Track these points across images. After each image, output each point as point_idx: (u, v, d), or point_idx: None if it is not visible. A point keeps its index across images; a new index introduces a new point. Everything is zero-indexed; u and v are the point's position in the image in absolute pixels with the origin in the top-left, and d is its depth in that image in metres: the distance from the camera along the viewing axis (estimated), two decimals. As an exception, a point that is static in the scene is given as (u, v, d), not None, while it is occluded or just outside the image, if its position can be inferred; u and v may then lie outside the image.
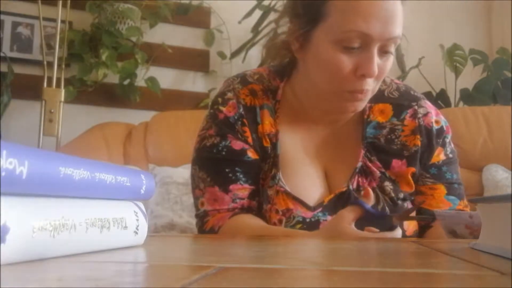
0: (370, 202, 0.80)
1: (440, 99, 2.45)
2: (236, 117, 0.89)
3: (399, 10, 0.82)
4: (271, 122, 0.91)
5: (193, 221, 1.00)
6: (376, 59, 0.82)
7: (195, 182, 0.92)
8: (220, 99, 0.92)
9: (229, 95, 0.91)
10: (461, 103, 2.48)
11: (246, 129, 0.89)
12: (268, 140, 0.90)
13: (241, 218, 0.87)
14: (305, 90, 0.92)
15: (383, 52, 0.83)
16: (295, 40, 0.88)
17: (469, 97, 2.42)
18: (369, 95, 0.87)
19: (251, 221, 0.86)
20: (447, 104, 2.47)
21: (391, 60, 0.85)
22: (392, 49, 0.84)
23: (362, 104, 0.88)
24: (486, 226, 0.46)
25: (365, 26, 0.79)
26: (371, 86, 0.84)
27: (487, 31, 2.85)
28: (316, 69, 0.87)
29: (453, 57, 2.45)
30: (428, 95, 2.29)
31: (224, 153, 0.88)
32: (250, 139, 0.89)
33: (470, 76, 2.51)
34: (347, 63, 0.82)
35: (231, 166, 0.88)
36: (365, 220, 0.77)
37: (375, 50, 0.81)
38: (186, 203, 1.71)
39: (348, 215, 0.76)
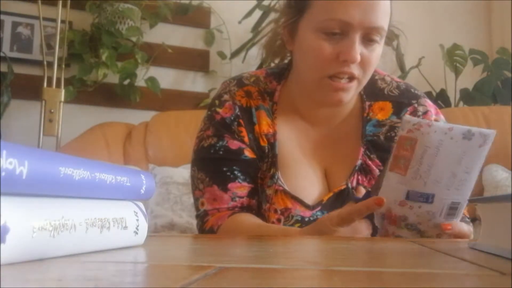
0: (360, 195, 0.80)
1: (440, 99, 2.45)
2: (232, 118, 0.91)
3: (384, 3, 0.83)
4: (269, 123, 0.92)
5: (193, 221, 1.01)
6: (360, 48, 0.83)
7: (194, 183, 0.93)
8: (217, 101, 0.94)
9: (226, 97, 0.93)
10: (461, 103, 2.48)
11: (242, 129, 0.91)
12: (265, 140, 0.91)
13: (239, 217, 0.87)
14: (296, 83, 0.94)
15: (368, 41, 0.84)
16: (286, 32, 0.91)
17: (469, 97, 2.42)
18: (354, 85, 0.86)
19: (249, 219, 0.87)
20: (447, 104, 2.47)
21: (377, 50, 0.86)
22: (378, 39, 0.84)
23: (348, 95, 0.87)
24: (486, 226, 0.46)
25: (344, 14, 0.81)
26: (356, 72, 0.84)
27: (487, 31, 2.85)
28: (301, 57, 0.90)
29: (453, 57, 2.45)
30: (428, 95, 2.28)
31: (221, 152, 0.90)
32: (246, 139, 0.91)
33: (470, 76, 2.51)
34: (329, 49, 0.83)
35: (229, 165, 0.89)
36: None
37: (356, 37, 0.82)
38: (186, 203, 1.71)
39: (334, 214, 0.75)
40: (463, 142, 0.68)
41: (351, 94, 0.87)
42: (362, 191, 0.82)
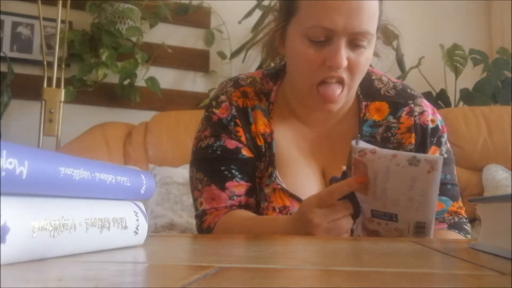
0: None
1: (440, 99, 2.46)
2: (229, 118, 0.92)
3: (369, 5, 0.82)
4: (265, 123, 0.93)
5: (193, 221, 1.01)
6: (347, 52, 0.83)
7: (193, 183, 0.94)
8: (214, 102, 0.95)
9: (222, 98, 0.94)
10: (461, 103, 2.48)
11: (239, 129, 0.92)
12: (262, 139, 0.92)
13: (234, 213, 0.88)
14: (290, 85, 0.94)
15: (355, 45, 0.83)
16: (278, 35, 0.92)
17: (469, 97, 2.42)
18: (343, 94, 0.86)
19: (243, 214, 0.88)
20: (447, 104, 2.47)
21: (366, 54, 0.85)
22: (365, 43, 0.84)
23: (337, 105, 0.87)
24: (486, 226, 0.46)
25: (327, 21, 0.81)
26: (344, 75, 0.84)
27: (487, 31, 2.85)
28: (291, 63, 0.91)
29: (453, 57, 2.45)
30: (428, 95, 2.29)
31: (219, 152, 0.91)
32: (243, 138, 0.92)
33: (470, 76, 2.51)
34: (315, 56, 0.83)
35: (226, 164, 0.90)
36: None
37: (341, 43, 0.82)
38: (186, 203, 1.71)
39: (314, 195, 0.75)
40: (410, 168, 0.67)
41: (340, 103, 0.88)
42: (342, 169, 0.82)
